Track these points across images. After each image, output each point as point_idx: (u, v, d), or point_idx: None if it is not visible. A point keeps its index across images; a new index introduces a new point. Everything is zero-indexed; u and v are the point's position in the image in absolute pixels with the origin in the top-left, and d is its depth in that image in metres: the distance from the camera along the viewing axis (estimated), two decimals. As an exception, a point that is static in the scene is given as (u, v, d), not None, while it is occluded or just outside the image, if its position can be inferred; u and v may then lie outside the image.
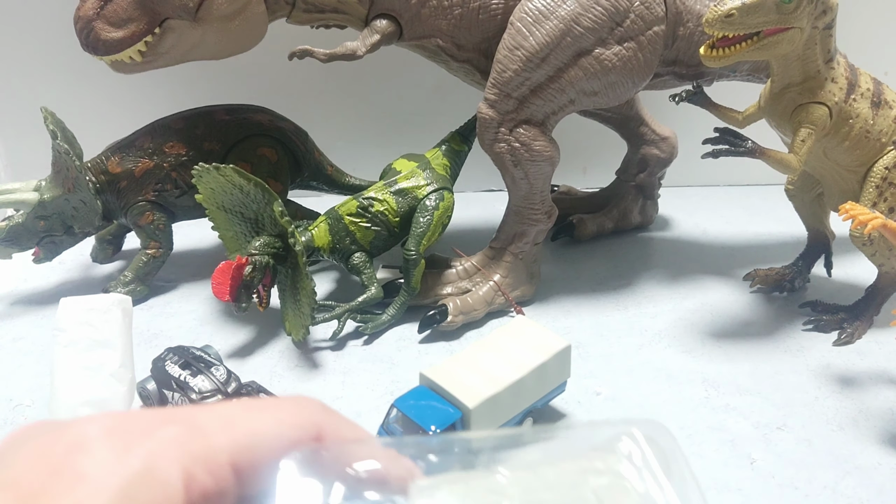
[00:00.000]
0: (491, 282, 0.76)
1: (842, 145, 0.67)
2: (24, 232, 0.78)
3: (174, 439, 0.20)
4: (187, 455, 0.20)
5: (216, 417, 0.21)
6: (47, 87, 1.01)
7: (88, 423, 0.20)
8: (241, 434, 0.21)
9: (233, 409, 0.21)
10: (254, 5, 0.71)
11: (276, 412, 0.22)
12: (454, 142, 0.82)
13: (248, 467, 0.21)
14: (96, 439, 0.19)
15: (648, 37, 0.72)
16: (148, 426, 0.20)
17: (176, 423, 0.20)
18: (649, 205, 0.97)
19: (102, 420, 0.20)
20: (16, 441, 0.20)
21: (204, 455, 0.20)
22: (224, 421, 0.21)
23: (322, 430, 0.22)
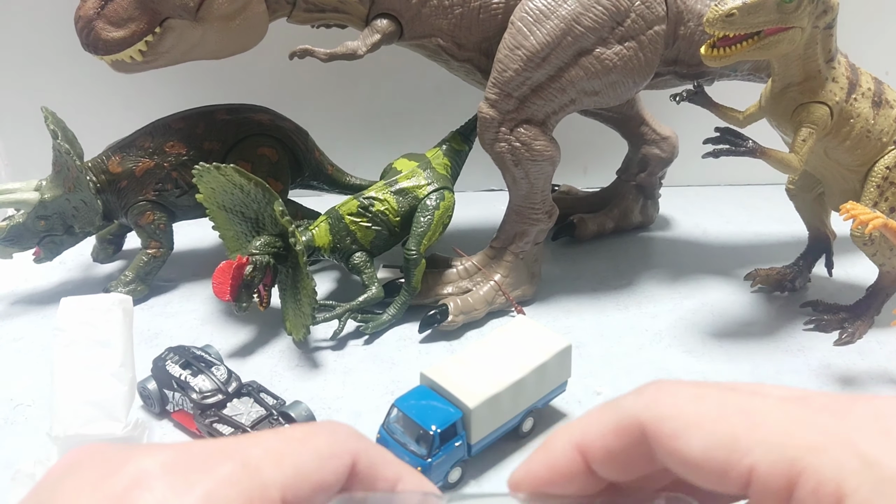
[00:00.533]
0: (491, 281, 0.76)
1: (843, 145, 0.66)
2: (25, 232, 0.78)
3: (230, 477, 0.20)
4: (244, 494, 0.20)
5: (266, 452, 0.22)
6: (47, 87, 1.01)
7: (146, 456, 0.21)
8: (289, 469, 0.21)
9: (278, 443, 0.22)
10: (254, 5, 0.71)
11: (315, 442, 0.23)
12: (455, 141, 0.82)
13: (295, 503, 0.22)
14: (156, 476, 0.20)
15: (649, 36, 0.72)
16: (205, 463, 0.21)
17: (231, 459, 0.21)
18: (650, 204, 0.97)
19: (159, 454, 0.21)
20: (67, 469, 0.21)
21: (259, 493, 0.20)
22: (273, 456, 0.22)
23: (357, 458, 0.23)
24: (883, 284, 0.72)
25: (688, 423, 0.21)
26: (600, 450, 0.23)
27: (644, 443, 0.22)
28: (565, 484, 0.24)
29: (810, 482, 0.19)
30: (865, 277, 0.77)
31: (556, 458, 0.24)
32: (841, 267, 0.83)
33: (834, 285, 0.82)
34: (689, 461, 0.21)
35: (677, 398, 0.22)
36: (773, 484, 0.20)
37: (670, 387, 0.23)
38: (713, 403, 0.22)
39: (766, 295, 0.81)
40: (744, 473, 0.20)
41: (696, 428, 0.21)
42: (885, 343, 0.71)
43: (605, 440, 0.23)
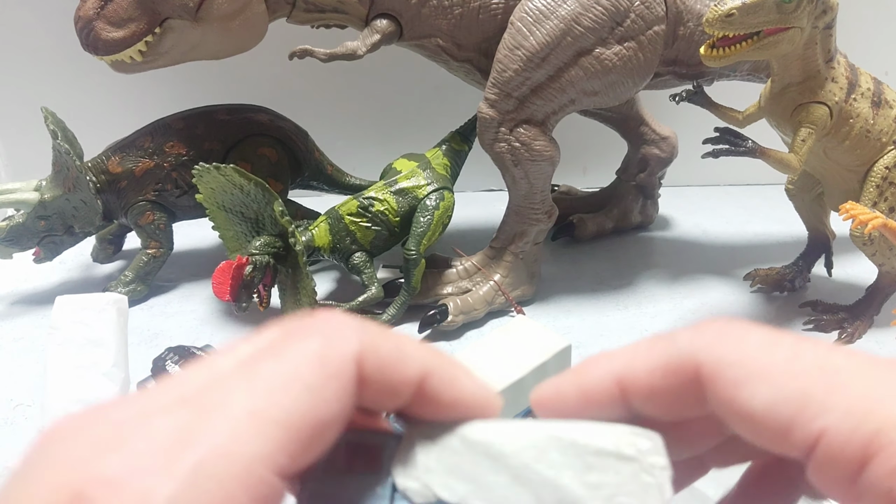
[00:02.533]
0: (491, 281, 0.76)
1: (842, 145, 0.67)
2: (25, 232, 0.78)
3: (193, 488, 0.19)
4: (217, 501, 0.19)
5: (236, 430, 0.19)
6: (47, 87, 1.01)
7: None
8: (273, 433, 0.19)
9: (251, 402, 0.19)
10: (254, 5, 0.71)
11: (300, 376, 0.20)
12: (454, 141, 0.82)
13: (295, 464, 0.20)
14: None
15: (649, 36, 0.72)
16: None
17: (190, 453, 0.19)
18: (650, 204, 0.97)
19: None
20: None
21: (241, 483, 0.18)
22: (249, 430, 0.19)
23: (363, 364, 0.20)
24: (882, 284, 0.72)
25: (754, 371, 0.19)
26: (644, 387, 0.21)
27: (696, 386, 0.20)
28: (594, 412, 0.22)
29: (890, 462, 0.17)
30: (865, 277, 0.77)
31: (591, 386, 0.22)
32: (840, 267, 0.83)
33: (834, 285, 0.82)
34: (749, 414, 0.19)
35: (744, 342, 0.20)
36: (844, 455, 0.18)
37: (736, 328, 0.21)
38: (786, 354, 0.19)
39: (765, 295, 0.81)
40: (810, 437, 0.18)
41: (764, 378, 0.19)
42: (885, 343, 0.71)
43: (652, 377, 0.21)
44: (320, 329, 0.20)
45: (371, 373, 0.20)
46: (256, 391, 0.19)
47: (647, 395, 0.21)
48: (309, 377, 0.19)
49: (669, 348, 0.21)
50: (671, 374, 0.21)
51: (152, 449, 0.17)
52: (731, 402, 0.19)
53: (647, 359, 0.21)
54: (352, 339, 0.20)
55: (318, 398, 0.19)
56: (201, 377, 0.19)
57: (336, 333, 0.20)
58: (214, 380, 0.19)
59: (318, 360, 0.19)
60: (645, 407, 0.21)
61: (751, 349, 0.20)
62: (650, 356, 0.21)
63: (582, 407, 0.22)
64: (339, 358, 0.20)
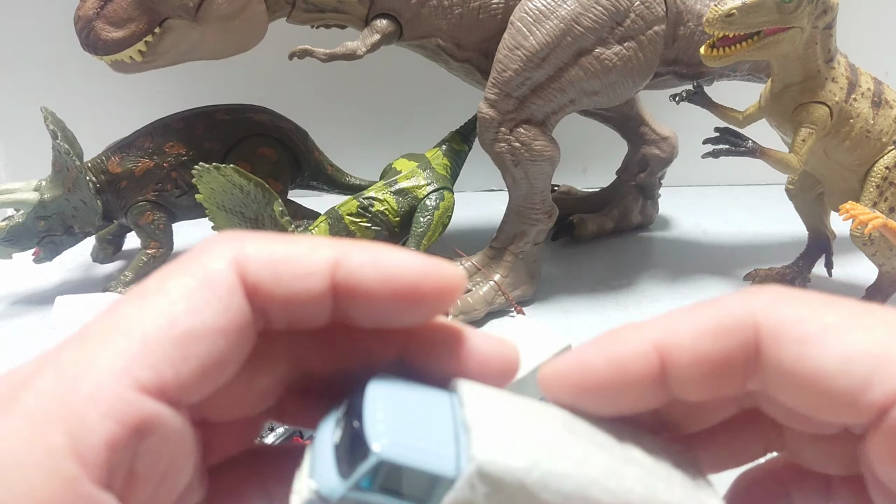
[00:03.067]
0: (491, 281, 0.76)
1: (842, 145, 0.67)
2: (25, 232, 0.78)
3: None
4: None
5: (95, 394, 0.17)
6: (47, 87, 1.01)
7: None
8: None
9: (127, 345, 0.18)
10: (254, 5, 0.71)
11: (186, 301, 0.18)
12: (454, 142, 0.82)
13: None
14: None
15: (649, 36, 0.72)
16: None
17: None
18: (650, 204, 0.97)
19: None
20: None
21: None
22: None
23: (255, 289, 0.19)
24: (882, 284, 0.72)
25: (825, 327, 0.17)
26: (689, 352, 0.19)
27: (749, 351, 0.18)
28: (625, 390, 0.19)
29: None
30: (865, 277, 0.77)
31: (626, 354, 0.19)
32: (841, 267, 0.83)
33: (834, 285, 0.82)
34: (819, 373, 0.17)
35: (808, 301, 0.18)
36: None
37: (792, 291, 0.19)
38: (855, 310, 0.18)
39: (765, 295, 0.81)
40: (889, 394, 0.16)
41: (835, 333, 0.17)
42: (885, 343, 0.71)
43: (700, 342, 0.19)
44: (195, 249, 0.19)
45: (263, 277, 0.18)
46: (116, 312, 0.18)
47: (693, 364, 0.19)
48: (172, 290, 0.18)
49: (718, 310, 0.19)
50: (724, 337, 0.19)
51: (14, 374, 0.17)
52: (796, 363, 0.18)
53: (693, 322, 0.19)
54: (223, 249, 0.19)
55: (181, 308, 0.17)
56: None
57: (207, 246, 0.19)
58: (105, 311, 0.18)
59: (182, 273, 0.18)
60: (685, 382, 0.19)
61: (816, 307, 0.18)
62: (696, 320, 0.19)
63: (612, 381, 0.20)
64: (206, 266, 0.18)
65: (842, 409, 0.17)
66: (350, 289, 0.19)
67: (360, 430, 0.18)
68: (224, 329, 0.18)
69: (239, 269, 0.18)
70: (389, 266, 0.19)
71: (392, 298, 0.19)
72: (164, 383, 0.17)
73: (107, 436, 0.16)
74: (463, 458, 0.18)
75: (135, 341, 0.17)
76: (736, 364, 0.19)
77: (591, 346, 0.20)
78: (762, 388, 0.19)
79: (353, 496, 0.18)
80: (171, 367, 0.17)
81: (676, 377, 0.19)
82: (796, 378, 0.18)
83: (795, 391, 0.18)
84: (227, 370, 0.18)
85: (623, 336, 0.20)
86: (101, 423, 0.16)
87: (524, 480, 0.17)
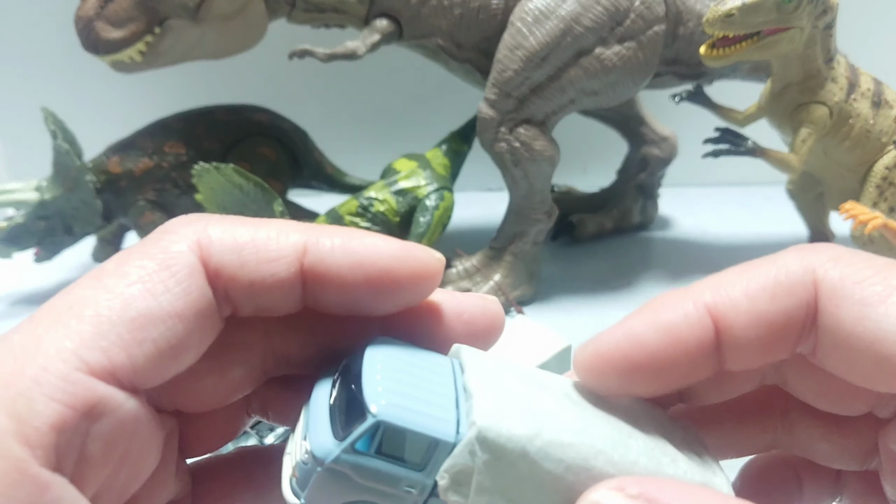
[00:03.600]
0: (491, 282, 0.76)
1: (842, 145, 0.67)
2: (25, 232, 0.78)
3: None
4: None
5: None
6: (47, 87, 1.01)
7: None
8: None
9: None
10: (254, 5, 0.71)
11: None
12: (454, 141, 0.82)
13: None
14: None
15: (649, 36, 0.72)
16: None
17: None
18: (649, 204, 0.97)
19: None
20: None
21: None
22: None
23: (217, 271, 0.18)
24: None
25: (889, 289, 0.16)
26: (745, 314, 0.17)
27: (808, 310, 0.17)
28: (677, 363, 0.18)
29: None
30: (865, 277, 0.77)
31: (678, 321, 0.18)
32: (841, 267, 0.83)
33: (834, 285, 0.82)
34: (879, 336, 0.16)
35: (869, 261, 0.17)
36: None
37: (852, 251, 0.18)
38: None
39: (765, 295, 0.81)
40: None
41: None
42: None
43: (756, 302, 0.17)
44: (157, 230, 0.19)
45: (226, 261, 0.18)
46: (70, 293, 0.17)
47: (750, 327, 0.17)
48: (130, 272, 0.17)
49: (774, 269, 0.18)
50: (781, 296, 0.17)
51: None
52: (857, 324, 0.17)
53: (747, 283, 0.18)
54: (186, 231, 0.18)
55: (137, 290, 0.17)
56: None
57: (169, 228, 0.19)
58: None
59: (142, 254, 0.18)
60: (741, 346, 0.18)
61: (878, 268, 0.17)
62: (750, 279, 0.18)
63: (666, 353, 0.18)
64: (166, 248, 0.18)
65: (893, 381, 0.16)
66: (320, 274, 0.18)
67: (357, 391, 0.18)
68: (182, 313, 0.17)
69: (201, 252, 0.18)
70: (361, 250, 0.18)
71: (365, 285, 0.18)
72: (116, 367, 0.16)
73: (53, 417, 0.15)
74: (464, 424, 0.17)
75: (86, 323, 0.16)
76: (794, 325, 0.17)
77: (636, 317, 0.19)
78: (812, 351, 0.18)
79: (349, 458, 0.17)
80: (124, 350, 0.16)
81: (732, 342, 0.18)
82: (855, 341, 0.17)
83: (851, 355, 0.17)
84: (187, 355, 0.18)
85: (671, 302, 0.18)
86: (46, 405, 0.15)
87: (526, 448, 0.17)
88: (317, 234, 0.19)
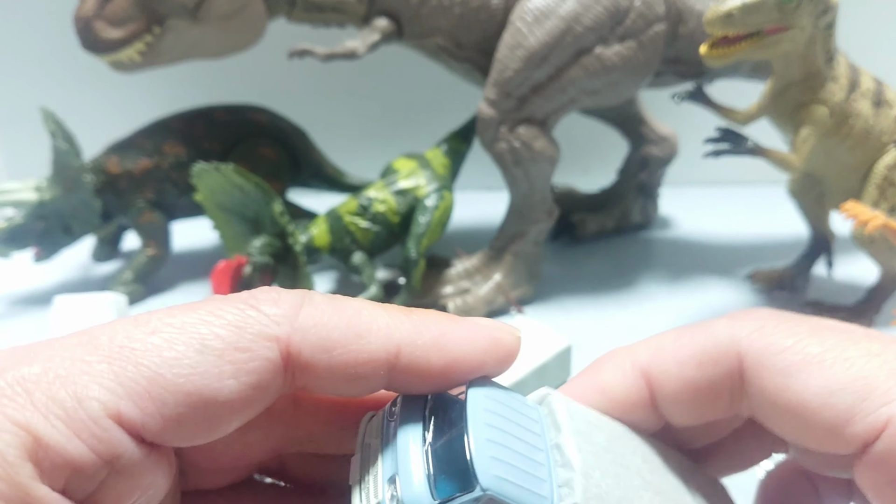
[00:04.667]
0: (491, 282, 0.76)
1: (843, 144, 0.66)
2: (24, 232, 0.78)
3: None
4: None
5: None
6: (47, 87, 1.01)
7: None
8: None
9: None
10: (254, 4, 0.71)
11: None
12: (454, 141, 0.82)
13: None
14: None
15: (649, 35, 0.72)
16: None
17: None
18: (650, 204, 0.97)
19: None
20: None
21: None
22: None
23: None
24: (883, 285, 0.71)
25: (807, 359, 0.17)
26: (674, 380, 0.19)
27: (733, 379, 0.18)
28: (618, 417, 0.19)
29: None
30: (865, 277, 0.77)
31: (614, 383, 0.19)
32: (841, 267, 0.83)
33: (834, 285, 0.82)
34: (801, 406, 0.17)
35: (791, 330, 0.18)
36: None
37: (778, 316, 0.19)
38: (839, 340, 0.18)
39: (766, 295, 0.81)
40: (871, 428, 0.16)
41: (818, 366, 0.17)
42: (886, 343, 0.71)
43: (684, 369, 0.19)
44: (254, 298, 0.17)
45: (316, 360, 0.17)
46: (145, 325, 0.16)
47: (679, 392, 0.19)
48: (211, 338, 0.16)
49: (703, 337, 0.19)
50: (707, 365, 0.18)
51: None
52: (779, 394, 0.17)
53: (678, 349, 0.19)
54: (280, 315, 0.17)
55: (207, 363, 0.16)
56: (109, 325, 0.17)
57: (268, 299, 0.17)
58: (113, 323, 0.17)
59: (229, 322, 0.16)
60: (673, 408, 0.19)
61: (800, 337, 0.18)
62: (681, 346, 0.19)
63: (605, 409, 0.20)
64: (256, 330, 0.16)
65: (826, 441, 0.17)
66: (411, 373, 0.18)
67: (462, 448, 0.17)
68: (236, 405, 0.16)
69: (290, 344, 0.17)
70: (455, 350, 0.19)
71: (454, 378, 0.19)
72: (146, 429, 0.16)
73: (73, 455, 0.15)
74: (556, 493, 0.17)
75: (143, 375, 0.15)
76: (720, 391, 0.19)
77: (580, 379, 0.20)
78: (750, 413, 0.19)
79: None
80: (163, 420, 0.16)
81: (664, 403, 0.19)
82: (780, 409, 0.18)
83: (780, 421, 0.18)
84: (219, 435, 0.17)
85: (610, 365, 0.20)
86: (70, 440, 0.15)
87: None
88: (411, 334, 0.18)
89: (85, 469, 0.15)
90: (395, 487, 0.17)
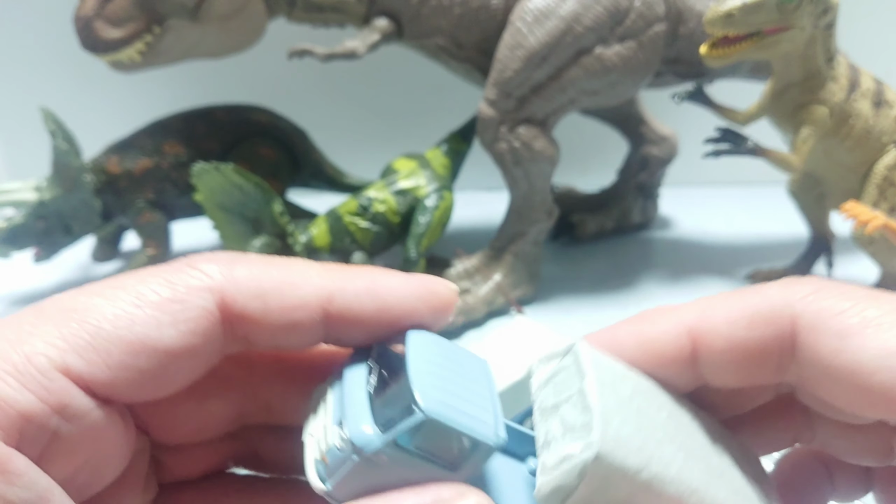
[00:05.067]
0: (491, 282, 0.76)
1: (843, 145, 0.66)
2: (24, 232, 0.78)
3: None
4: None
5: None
6: (47, 87, 1.01)
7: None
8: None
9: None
10: (253, 4, 0.71)
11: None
12: (454, 141, 0.82)
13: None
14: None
15: (649, 36, 0.72)
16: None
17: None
18: (650, 204, 0.97)
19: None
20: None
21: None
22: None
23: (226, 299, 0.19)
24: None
25: (865, 321, 0.17)
26: (723, 339, 0.18)
27: (784, 342, 0.18)
28: (655, 370, 0.19)
29: None
30: (865, 277, 0.77)
31: (658, 336, 0.19)
32: (840, 267, 0.83)
33: (834, 285, 0.82)
34: (856, 368, 0.17)
35: (848, 294, 0.18)
36: None
37: (833, 283, 0.18)
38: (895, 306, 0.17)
39: (766, 295, 0.81)
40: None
41: (877, 328, 0.17)
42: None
43: (734, 328, 0.18)
44: (186, 260, 0.19)
45: (251, 307, 0.18)
46: (83, 293, 0.18)
47: (726, 351, 0.19)
48: (147, 293, 0.17)
49: (756, 299, 0.19)
50: (759, 325, 0.18)
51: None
52: (834, 356, 0.17)
53: (729, 308, 0.19)
54: (212, 269, 0.18)
55: (146, 315, 0.17)
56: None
57: (196, 262, 0.19)
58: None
59: (165, 280, 0.18)
60: (717, 368, 0.19)
61: (857, 300, 0.18)
62: (732, 306, 0.19)
63: (641, 363, 0.19)
64: (188, 282, 0.18)
65: (879, 405, 0.17)
66: (345, 319, 0.19)
67: (405, 383, 0.18)
68: (178, 352, 0.17)
69: (224, 295, 0.18)
70: (386, 295, 0.19)
71: (389, 325, 0.19)
72: (95, 380, 0.17)
73: (24, 405, 0.16)
74: (540, 431, 0.18)
75: (85, 331, 0.17)
76: (770, 353, 0.18)
77: (623, 326, 0.20)
78: (798, 380, 0.19)
79: (389, 451, 0.17)
80: (109, 369, 0.17)
81: (708, 362, 0.19)
82: (834, 372, 0.17)
83: (832, 385, 0.18)
84: (170, 388, 0.18)
85: (656, 317, 0.20)
86: (20, 392, 0.16)
87: (633, 479, 0.17)
88: (342, 280, 0.19)
89: (35, 417, 0.16)
90: (343, 429, 0.18)
